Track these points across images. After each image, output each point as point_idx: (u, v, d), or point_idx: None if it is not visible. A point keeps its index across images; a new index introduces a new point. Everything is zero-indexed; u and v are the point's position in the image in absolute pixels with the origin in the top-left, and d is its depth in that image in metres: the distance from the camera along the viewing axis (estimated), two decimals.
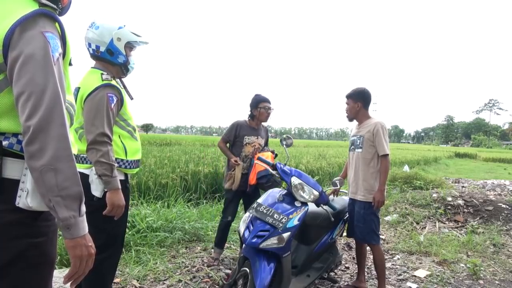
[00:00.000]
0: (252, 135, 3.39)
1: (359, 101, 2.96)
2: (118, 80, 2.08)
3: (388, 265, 3.73)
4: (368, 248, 3.11)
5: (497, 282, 3.45)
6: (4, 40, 0.96)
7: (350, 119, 3.05)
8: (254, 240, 2.13)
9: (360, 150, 2.92)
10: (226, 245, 3.98)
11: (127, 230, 3.52)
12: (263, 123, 3.55)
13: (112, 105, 1.89)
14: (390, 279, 3.38)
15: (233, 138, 3.38)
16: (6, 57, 0.98)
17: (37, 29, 1.00)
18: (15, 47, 0.97)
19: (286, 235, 2.14)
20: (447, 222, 5.37)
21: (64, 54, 1.12)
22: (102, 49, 1.96)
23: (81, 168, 1.91)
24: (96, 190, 1.87)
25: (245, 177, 3.32)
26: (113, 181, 1.82)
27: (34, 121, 0.94)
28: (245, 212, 3.52)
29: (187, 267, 3.34)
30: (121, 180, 1.92)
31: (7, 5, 1.01)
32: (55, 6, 1.09)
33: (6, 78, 1.00)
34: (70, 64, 1.19)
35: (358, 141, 2.96)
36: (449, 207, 5.68)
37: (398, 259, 3.97)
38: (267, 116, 3.42)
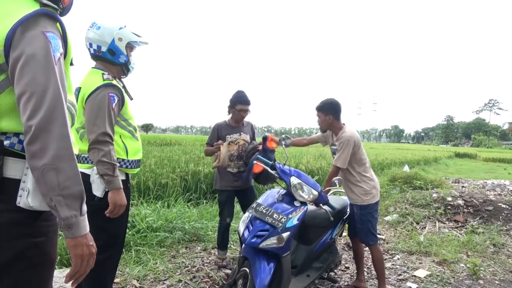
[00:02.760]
0: (233, 133, 3.32)
1: (329, 114, 2.94)
2: (118, 80, 2.08)
3: (388, 265, 3.74)
4: (366, 248, 3.13)
5: (497, 282, 3.45)
6: (6, 41, 0.97)
7: (323, 131, 3.10)
8: (253, 240, 2.13)
9: None
10: None
11: (127, 230, 3.53)
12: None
13: (114, 104, 1.90)
14: (390, 279, 3.38)
15: (217, 140, 3.28)
16: (8, 57, 0.98)
17: (38, 29, 1.00)
18: (17, 47, 0.97)
19: (285, 235, 2.14)
20: (447, 222, 5.37)
21: (65, 54, 1.12)
22: (104, 49, 1.96)
23: (82, 168, 1.91)
24: (98, 190, 1.88)
25: (238, 176, 3.27)
26: (115, 181, 1.83)
27: (35, 120, 0.94)
28: (243, 210, 3.50)
29: (187, 267, 3.34)
30: (122, 180, 1.92)
31: (8, 5, 1.01)
32: (56, 6, 1.09)
33: (8, 78, 1.00)
34: (71, 64, 1.19)
35: (336, 153, 2.98)
36: (449, 207, 5.68)
37: (398, 259, 3.97)
38: (240, 119, 3.33)
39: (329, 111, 2.94)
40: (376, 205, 2.95)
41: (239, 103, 3.26)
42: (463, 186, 8.31)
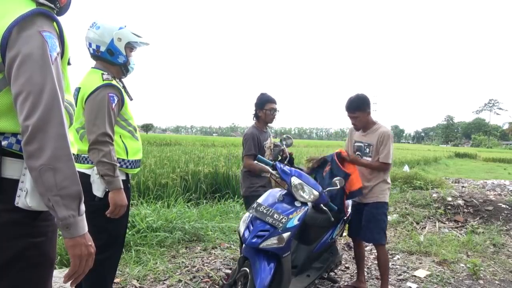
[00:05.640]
0: (266, 139, 3.22)
1: (368, 109, 2.92)
2: (118, 80, 2.08)
3: None
4: (367, 248, 3.12)
5: (497, 282, 3.45)
6: (2, 40, 0.96)
7: (358, 129, 3.01)
8: (254, 240, 2.13)
9: (369, 158, 2.92)
10: (226, 245, 3.99)
11: (127, 230, 3.53)
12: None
13: (113, 105, 1.90)
14: (390, 279, 3.36)
15: (259, 149, 3.12)
16: (4, 57, 0.98)
17: (35, 28, 0.99)
18: (13, 47, 0.97)
19: (286, 235, 2.13)
20: (447, 222, 5.37)
21: (62, 53, 1.12)
22: (103, 49, 1.96)
23: (82, 168, 1.91)
24: (98, 190, 1.88)
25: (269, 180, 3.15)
26: (115, 181, 1.82)
27: (32, 120, 0.94)
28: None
29: (187, 267, 3.34)
30: (122, 180, 1.92)
31: (4, 4, 1.01)
32: (52, 6, 1.09)
33: (5, 78, 1.00)
34: (68, 63, 1.19)
35: (367, 149, 2.94)
36: (449, 207, 5.68)
37: (398, 259, 3.97)
38: (272, 118, 3.24)
39: (367, 107, 2.92)
40: (387, 204, 2.94)
41: (267, 102, 3.18)
42: (463, 186, 8.31)
